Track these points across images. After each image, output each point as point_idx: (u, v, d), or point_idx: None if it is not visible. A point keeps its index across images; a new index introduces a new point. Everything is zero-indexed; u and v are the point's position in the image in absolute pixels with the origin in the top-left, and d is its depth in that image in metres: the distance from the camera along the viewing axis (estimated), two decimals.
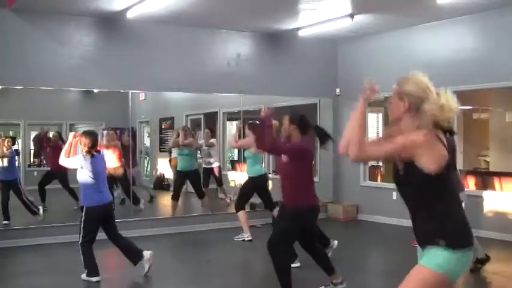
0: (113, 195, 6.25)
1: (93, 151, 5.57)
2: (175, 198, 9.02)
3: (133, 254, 5.74)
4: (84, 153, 5.56)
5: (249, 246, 7.73)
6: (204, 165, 10.46)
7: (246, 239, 7.73)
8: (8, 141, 8.49)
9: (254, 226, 8.34)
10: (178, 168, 9.12)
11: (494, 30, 7.96)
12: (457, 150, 5.66)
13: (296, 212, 4.73)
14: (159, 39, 8.78)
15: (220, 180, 10.58)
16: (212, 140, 10.59)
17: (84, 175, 5.54)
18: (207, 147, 10.46)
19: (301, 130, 4.81)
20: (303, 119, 4.89)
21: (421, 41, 8.91)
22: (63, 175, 8.86)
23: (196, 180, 9.31)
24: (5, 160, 8.36)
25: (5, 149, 8.36)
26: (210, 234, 8.36)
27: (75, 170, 5.62)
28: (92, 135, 5.66)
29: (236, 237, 7.83)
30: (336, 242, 6.67)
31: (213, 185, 10.68)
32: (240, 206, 7.74)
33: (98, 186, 5.57)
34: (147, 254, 5.73)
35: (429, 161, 2.62)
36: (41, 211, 8.44)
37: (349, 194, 10.16)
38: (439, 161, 2.63)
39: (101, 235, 5.74)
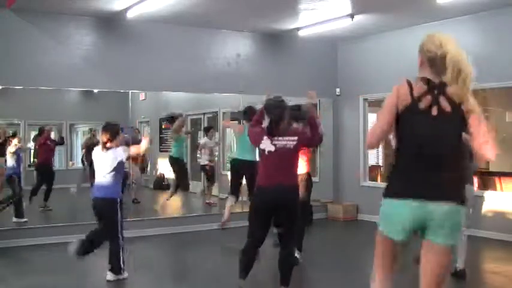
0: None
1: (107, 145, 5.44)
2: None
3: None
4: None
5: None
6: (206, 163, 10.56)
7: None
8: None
9: None
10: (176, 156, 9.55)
11: (495, 30, 7.96)
12: None
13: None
14: (159, 39, 8.78)
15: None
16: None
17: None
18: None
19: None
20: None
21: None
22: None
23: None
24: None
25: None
26: (210, 235, 8.34)
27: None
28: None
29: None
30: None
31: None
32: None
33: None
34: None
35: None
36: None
37: (349, 194, 10.16)
38: (400, 103, 2.72)
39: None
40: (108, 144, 5.39)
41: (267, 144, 4.61)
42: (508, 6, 7.63)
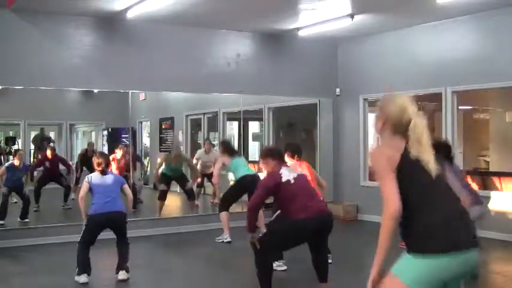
0: None
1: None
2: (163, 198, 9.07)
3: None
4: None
5: (244, 247, 7.73)
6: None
7: (225, 240, 7.72)
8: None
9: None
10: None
11: (495, 30, 7.96)
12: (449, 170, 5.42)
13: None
14: (159, 39, 8.78)
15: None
16: None
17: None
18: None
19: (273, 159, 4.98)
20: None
21: (421, 41, 8.91)
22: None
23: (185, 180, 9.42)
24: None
25: None
26: (209, 235, 8.33)
27: None
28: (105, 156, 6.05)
29: (217, 238, 7.83)
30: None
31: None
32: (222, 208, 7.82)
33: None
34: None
35: None
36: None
37: (349, 194, 10.16)
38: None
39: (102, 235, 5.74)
40: (106, 169, 5.77)
41: (287, 174, 4.74)
42: (508, 6, 7.62)
